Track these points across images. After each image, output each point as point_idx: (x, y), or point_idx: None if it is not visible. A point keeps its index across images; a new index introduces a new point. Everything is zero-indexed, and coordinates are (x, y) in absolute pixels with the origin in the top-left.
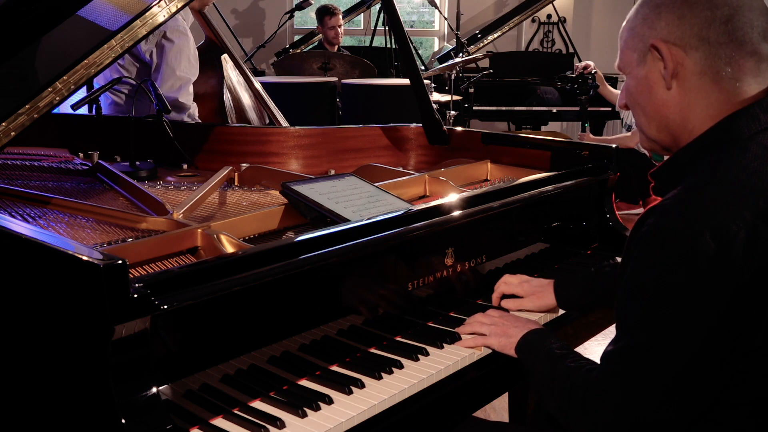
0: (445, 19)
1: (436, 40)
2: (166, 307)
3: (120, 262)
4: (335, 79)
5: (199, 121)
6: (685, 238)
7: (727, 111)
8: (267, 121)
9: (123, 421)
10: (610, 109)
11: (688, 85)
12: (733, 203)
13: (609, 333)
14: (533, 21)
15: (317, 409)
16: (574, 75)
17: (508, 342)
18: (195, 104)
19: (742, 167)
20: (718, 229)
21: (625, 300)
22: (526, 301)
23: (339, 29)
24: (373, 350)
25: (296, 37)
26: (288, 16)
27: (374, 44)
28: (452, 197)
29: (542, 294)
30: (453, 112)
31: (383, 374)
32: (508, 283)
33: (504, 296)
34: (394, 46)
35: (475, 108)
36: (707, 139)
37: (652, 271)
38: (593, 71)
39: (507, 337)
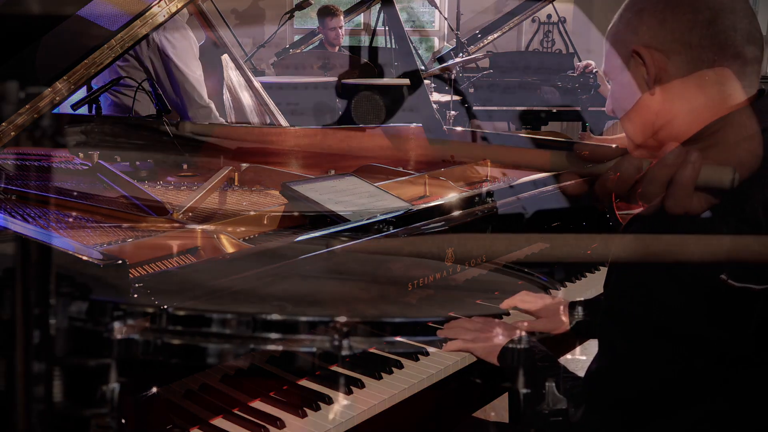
0: (445, 19)
1: (436, 40)
2: (166, 307)
3: (120, 262)
4: (335, 79)
5: (221, 119)
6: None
7: (712, 116)
8: (267, 121)
9: (123, 421)
10: None
11: (671, 89)
12: (717, 208)
13: None
14: (533, 21)
15: (317, 409)
16: (575, 74)
17: (494, 349)
18: (212, 101)
19: None
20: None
21: (608, 310)
22: (538, 323)
23: (340, 30)
24: (373, 350)
25: (296, 37)
26: (288, 16)
27: (374, 44)
28: (452, 197)
29: (555, 316)
30: (453, 112)
31: (383, 374)
32: (526, 300)
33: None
34: (394, 46)
35: (475, 108)
36: (692, 144)
37: (636, 278)
38: (594, 70)
39: (491, 343)
